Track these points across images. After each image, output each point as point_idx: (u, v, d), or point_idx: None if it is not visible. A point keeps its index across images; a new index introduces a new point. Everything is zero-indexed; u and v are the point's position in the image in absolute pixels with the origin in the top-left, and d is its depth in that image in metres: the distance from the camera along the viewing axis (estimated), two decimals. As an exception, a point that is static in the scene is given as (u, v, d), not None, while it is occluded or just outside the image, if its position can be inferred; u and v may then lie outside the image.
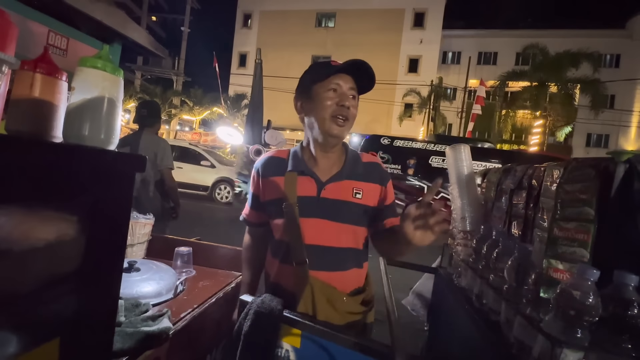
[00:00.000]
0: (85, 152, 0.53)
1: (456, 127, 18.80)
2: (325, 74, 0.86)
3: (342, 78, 0.87)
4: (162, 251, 1.32)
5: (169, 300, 0.97)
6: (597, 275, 0.60)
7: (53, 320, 0.50)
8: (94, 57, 0.55)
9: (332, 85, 0.85)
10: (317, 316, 0.87)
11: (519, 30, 21.41)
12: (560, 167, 0.81)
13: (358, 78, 0.89)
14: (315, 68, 0.90)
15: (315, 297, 0.86)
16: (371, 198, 0.91)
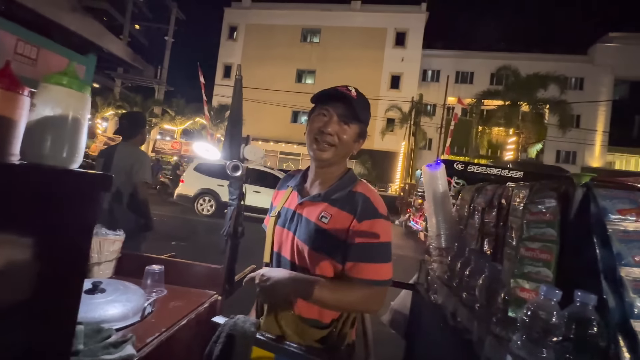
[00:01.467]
0: (44, 172, 0.50)
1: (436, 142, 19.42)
2: (322, 98, 0.89)
3: (335, 105, 0.86)
4: (132, 270, 1.26)
5: (135, 324, 0.92)
6: (559, 296, 0.62)
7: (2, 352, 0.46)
8: (59, 73, 0.53)
9: (322, 110, 0.88)
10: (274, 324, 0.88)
11: (492, 53, 22.78)
12: (527, 188, 0.85)
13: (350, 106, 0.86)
14: (318, 93, 0.90)
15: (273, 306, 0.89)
16: (338, 226, 0.83)
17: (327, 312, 0.86)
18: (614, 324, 0.59)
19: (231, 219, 1.29)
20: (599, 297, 0.62)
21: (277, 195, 1.05)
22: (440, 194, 1.28)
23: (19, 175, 0.47)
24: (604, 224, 0.64)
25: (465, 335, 0.93)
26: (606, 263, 0.63)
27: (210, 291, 1.26)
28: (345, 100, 0.86)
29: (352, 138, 0.89)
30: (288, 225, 0.91)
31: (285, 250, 0.90)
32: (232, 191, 1.28)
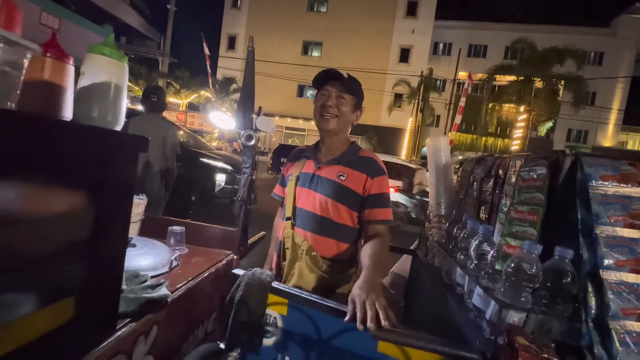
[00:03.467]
0: (95, 131, 0.58)
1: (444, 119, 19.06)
2: (319, 80, 1.13)
3: (332, 84, 1.10)
4: (154, 231, 1.37)
5: (164, 274, 1.04)
6: (539, 249, 0.71)
7: (68, 281, 0.57)
8: (101, 44, 0.59)
9: (323, 91, 1.11)
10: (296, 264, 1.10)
11: (508, 24, 21.60)
12: (522, 158, 0.92)
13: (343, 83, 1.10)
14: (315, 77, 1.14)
15: (295, 247, 1.11)
16: (354, 183, 1.08)
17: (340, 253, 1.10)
18: (585, 274, 0.68)
19: (245, 185, 1.38)
20: (576, 252, 0.70)
21: (290, 166, 1.24)
22: (442, 165, 1.35)
23: (75, 134, 0.55)
24: (587, 188, 0.71)
25: (457, 290, 1.03)
26: (585, 222, 0.70)
27: (227, 251, 1.38)
28: (339, 79, 1.09)
29: (349, 108, 1.11)
30: (309, 185, 1.12)
31: (307, 205, 1.11)
32: (245, 160, 1.36)
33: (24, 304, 0.50)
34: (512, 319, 0.71)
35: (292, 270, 1.13)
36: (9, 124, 0.43)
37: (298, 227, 1.12)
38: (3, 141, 0.43)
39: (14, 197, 0.48)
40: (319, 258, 1.09)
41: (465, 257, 1.01)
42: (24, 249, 0.51)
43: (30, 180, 0.50)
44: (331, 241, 1.09)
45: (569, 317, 0.69)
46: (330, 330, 0.87)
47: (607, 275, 0.65)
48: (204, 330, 1.18)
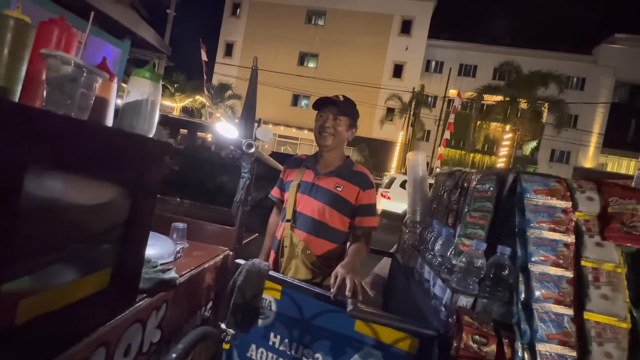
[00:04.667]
0: (135, 137, 0.74)
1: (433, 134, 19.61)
2: (318, 105, 1.32)
3: (329, 108, 1.29)
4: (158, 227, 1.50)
5: (170, 262, 1.17)
6: (484, 247, 0.88)
7: (107, 255, 0.71)
8: (144, 69, 0.75)
9: (321, 113, 1.31)
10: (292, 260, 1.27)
11: (497, 47, 22.59)
12: (480, 174, 1.11)
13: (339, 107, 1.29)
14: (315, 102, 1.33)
15: (293, 246, 1.27)
16: (348, 194, 1.27)
17: (331, 252, 1.28)
18: (518, 267, 0.86)
19: (243, 188, 1.53)
20: (513, 250, 0.88)
21: (290, 173, 1.39)
22: (419, 177, 1.53)
23: (118, 138, 0.70)
24: (523, 199, 0.90)
25: (425, 285, 1.20)
26: (520, 226, 0.89)
27: (223, 247, 1.52)
28: (335, 104, 1.28)
29: (344, 128, 1.29)
30: (308, 193, 1.29)
31: (306, 210, 1.28)
32: (244, 165, 1.52)
33: (79, 270, 0.64)
34: (461, 303, 0.88)
35: (289, 266, 1.29)
36: (84, 132, 0.58)
37: (297, 228, 1.28)
38: (78, 146, 0.58)
39: (76, 188, 0.63)
40: (313, 256, 1.26)
41: (432, 256, 1.18)
42: (81, 228, 0.65)
43: (87, 174, 0.65)
44: (324, 242, 1.27)
45: (506, 302, 0.86)
46: (315, 313, 1.02)
47: (533, 268, 0.83)
48: (201, 317, 1.31)
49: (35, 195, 0.51)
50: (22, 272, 0.51)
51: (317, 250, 1.26)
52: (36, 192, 0.51)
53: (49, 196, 0.55)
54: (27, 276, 0.52)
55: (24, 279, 0.52)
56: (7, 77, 0.60)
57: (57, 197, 0.57)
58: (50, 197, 0.56)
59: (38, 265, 0.54)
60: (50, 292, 0.58)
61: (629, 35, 22.13)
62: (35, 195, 0.50)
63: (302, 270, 1.26)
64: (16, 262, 0.49)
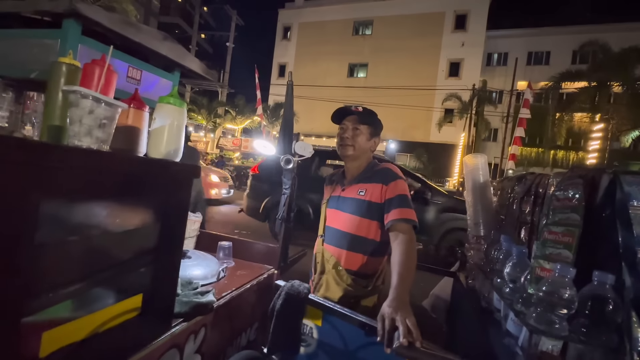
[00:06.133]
0: (161, 163, 0.74)
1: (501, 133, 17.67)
2: (340, 117, 1.29)
3: (349, 118, 1.25)
4: (207, 245, 1.56)
5: (212, 283, 1.18)
6: (572, 273, 0.67)
7: (138, 281, 0.72)
8: (167, 96, 0.76)
9: (342, 125, 1.27)
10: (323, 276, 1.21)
11: (575, 27, 19.67)
12: (560, 177, 0.88)
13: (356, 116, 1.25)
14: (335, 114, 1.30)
15: (324, 262, 1.22)
16: (373, 195, 1.16)
17: (367, 266, 1.17)
18: (629, 301, 0.63)
19: (285, 205, 1.50)
20: (617, 277, 0.65)
21: (326, 190, 1.40)
22: (480, 183, 1.32)
23: (147, 166, 0.71)
24: (627, 208, 0.67)
25: (496, 315, 0.99)
26: (627, 245, 0.66)
27: (268, 266, 1.49)
28: (350, 113, 1.25)
29: (365, 137, 1.23)
30: (336, 207, 1.26)
31: (336, 223, 1.24)
32: (285, 181, 1.49)
33: (108, 297, 0.65)
34: (545, 347, 0.68)
35: (320, 282, 1.24)
36: (104, 162, 0.59)
37: (327, 243, 1.24)
38: (98, 174, 0.59)
39: (103, 214, 0.64)
40: (344, 272, 1.18)
41: (501, 280, 0.97)
42: (111, 254, 0.66)
43: (115, 201, 0.66)
44: (357, 255, 1.17)
45: (613, 349, 0.64)
46: (359, 344, 0.91)
47: (654, 304, 0.60)
48: (247, 338, 1.28)
49: (56, 227, 0.52)
50: (45, 304, 0.52)
51: (349, 265, 1.18)
52: (56, 223, 0.52)
53: (70, 226, 0.57)
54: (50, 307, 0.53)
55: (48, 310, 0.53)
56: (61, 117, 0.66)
57: (79, 226, 0.58)
58: (71, 227, 0.57)
59: (62, 295, 0.55)
60: (76, 322, 0.58)
61: None
62: (55, 226, 0.51)
63: (333, 287, 1.18)
64: (38, 294, 0.50)
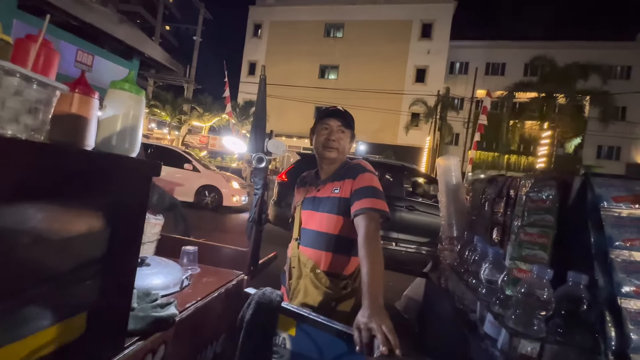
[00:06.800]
0: (112, 158, 0.64)
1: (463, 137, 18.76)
2: (321, 116, 1.21)
3: (332, 120, 1.19)
4: (170, 250, 1.42)
5: (175, 293, 1.07)
6: (551, 274, 0.68)
7: (82, 297, 0.61)
8: (121, 80, 0.66)
9: (324, 125, 1.20)
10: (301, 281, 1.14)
11: (527, 42, 21.47)
12: (532, 178, 0.90)
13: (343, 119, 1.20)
14: (318, 113, 1.25)
15: (301, 266, 1.16)
16: (346, 191, 1.15)
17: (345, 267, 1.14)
18: (602, 301, 0.64)
19: (256, 206, 1.41)
20: (590, 277, 0.67)
21: (297, 193, 1.33)
22: (453, 185, 1.33)
23: (94, 160, 0.60)
24: (599, 209, 0.68)
25: (471, 316, 0.99)
26: (598, 246, 0.67)
27: (238, 271, 1.40)
28: (338, 115, 1.19)
29: (347, 141, 1.22)
30: (311, 208, 1.21)
31: (312, 225, 1.19)
32: (256, 181, 1.40)
33: (41, 319, 0.54)
34: (525, 349, 0.67)
35: (297, 287, 1.18)
36: (34, 155, 0.48)
37: (304, 245, 1.19)
38: (28, 169, 0.48)
39: (37, 218, 0.53)
40: (322, 275, 1.13)
41: (476, 281, 0.97)
42: (43, 265, 0.55)
43: (51, 202, 0.55)
44: (335, 256, 1.14)
45: (588, 349, 0.65)
46: (336, 353, 0.85)
47: (626, 304, 0.61)
48: (212, 351, 1.18)
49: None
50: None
51: (328, 266, 1.14)
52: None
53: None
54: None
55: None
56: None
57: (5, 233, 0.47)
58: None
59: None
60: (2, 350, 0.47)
61: (679, 15, 20.04)
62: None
63: (312, 291, 1.13)
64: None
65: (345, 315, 1.14)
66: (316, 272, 1.13)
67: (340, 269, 1.15)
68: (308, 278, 1.14)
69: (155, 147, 8.03)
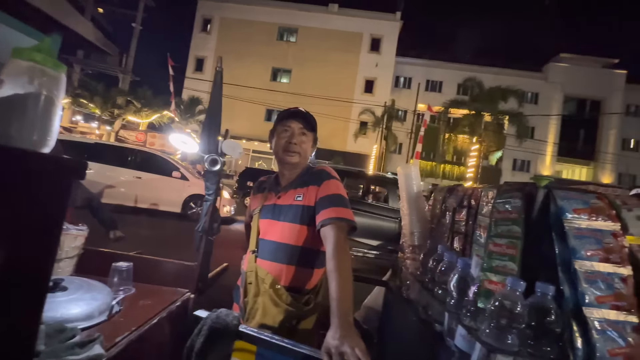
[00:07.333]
0: (10, 153, 0.46)
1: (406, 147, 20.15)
2: (282, 117, 1.13)
3: (294, 122, 1.12)
4: (97, 267, 1.18)
5: (102, 323, 0.86)
6: (523, 287, 0.68)
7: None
8: (32, 48, 0.49)
9: (284, 127, 1.12)
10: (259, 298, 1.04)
11: (459, 64, 24.09)
12: (494, 189, 0.92)
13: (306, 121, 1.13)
14: (279, 114, 1.16)
15: (259, 281, 1.05)
16: (310, 199, 1.07)
17: (308, 281, 1.07)
18: (568, 312, 0.66)
19: (207, 214, 1.25)
20: (557, 288, 0.68)
21: (254, 200, 1.23)
22: (414, 193, 1.34)
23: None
24: (562, 221, 0.71)
25: (436, 328, 0.98)
26: (563, 257, 0.70)
27: (183, 289, 1.21)
28: (301, 116, 1.12)
29: (309, 145, 1.15)
30: (271, 216, 1.10)
31: (271, 235, 1.09)
32: (208, 186, 1.25)
33: None
34: (499, 364, 0.66)
35: (255, 306, 1.06)
36: None
37: (262, 258, 1.08)
38: None
39: None
40: (283, 291, 1.03)
41: (443, 292, 0.96)
42: None
43: None
44: (297, 269, 1.05)
45: (556, 359, 0.66)
46: (303, 385, 0.76)
47: (589, 313, 0.64)
48: (149, 390, 0.98)
49: None
50: None
51: (289, 281, 1.05)
52: None
53: None
54: None
55: None
56: None
57: None
58: None
59: None
60: None
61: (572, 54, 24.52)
62: None
63: (271, 310, 1.02)
64: None
65: (307, 334, 1.05)
66: (276, 287, 1.03)
67: (302, 284, 1.06)
68: (267, 295, 1.03)
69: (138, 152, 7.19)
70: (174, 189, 6.90)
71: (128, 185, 6.78)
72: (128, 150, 7.21)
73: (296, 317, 1.03)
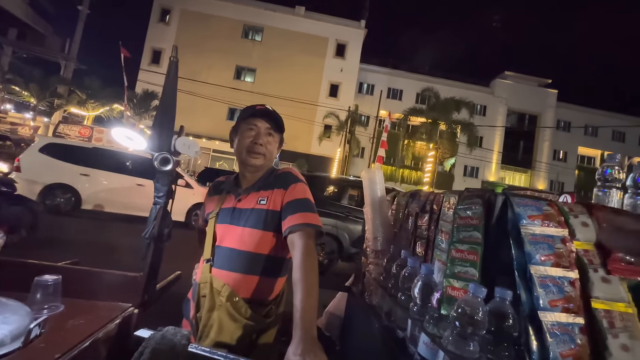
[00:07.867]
0: None
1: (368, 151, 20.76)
2: (247, 115, 1.05)
3: (260, 121, 1.05)
4: (14, 281, 0.99)
5: (15, 352, 0.71)
6: (484, 293, 0.68)
7: None
8: None
9: (250, 125, 1.05)
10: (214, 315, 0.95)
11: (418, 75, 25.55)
12: (455, 195, 0.94)
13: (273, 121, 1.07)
14: (243, 111, 1.08)
15: (214, 294, 0.96)
16: (275, 203, 1.01)
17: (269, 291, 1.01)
18: (524, 316, 0.68)
19: (156, 219, 1.13)
20: (514, 293, 0.70)
21: (210, 202, 1.14)
22: (378, 198, 1.34)
23: None
24: (518, 227, 0.73)
25: (399, 334, 0.97)
26: (519, 262, 0.72)
27: (124, 304, 1.07)
28: (268, 115, 1.05)
29: (275, 146, 1.09)
30: (230, 221, 1.02)
31: (229, 242, 1.00)
32: (159, 187, 1.12)
33: None
34: (462, 371, 0.66)
35: (209, 322, 0.96)
36: None
37: (218, 268, 0.99)
38: None
39: None
40: (242, 303, 0.95)
41: (406, 297, 0.96)
42: None
43: None
44: (257, 279, 0.98)
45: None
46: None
47: (544, 317, 0.66)
48: None
49: None
50: None
51: (249, 292, 0.97)
52: None
53: None
54: None
55: None
56: None
57: None
58: None
59: None
60: None
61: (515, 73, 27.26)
62: None
63: (228, 325, 0.94)
64: None
65: (268, 348, 0.98)
66: (234, 300, 0.94)
67: (263, 295, 0.99)
68: (223, 309, 0.94)
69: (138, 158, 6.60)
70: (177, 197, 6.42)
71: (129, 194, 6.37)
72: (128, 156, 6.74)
73: (256, 331, 0.96)
